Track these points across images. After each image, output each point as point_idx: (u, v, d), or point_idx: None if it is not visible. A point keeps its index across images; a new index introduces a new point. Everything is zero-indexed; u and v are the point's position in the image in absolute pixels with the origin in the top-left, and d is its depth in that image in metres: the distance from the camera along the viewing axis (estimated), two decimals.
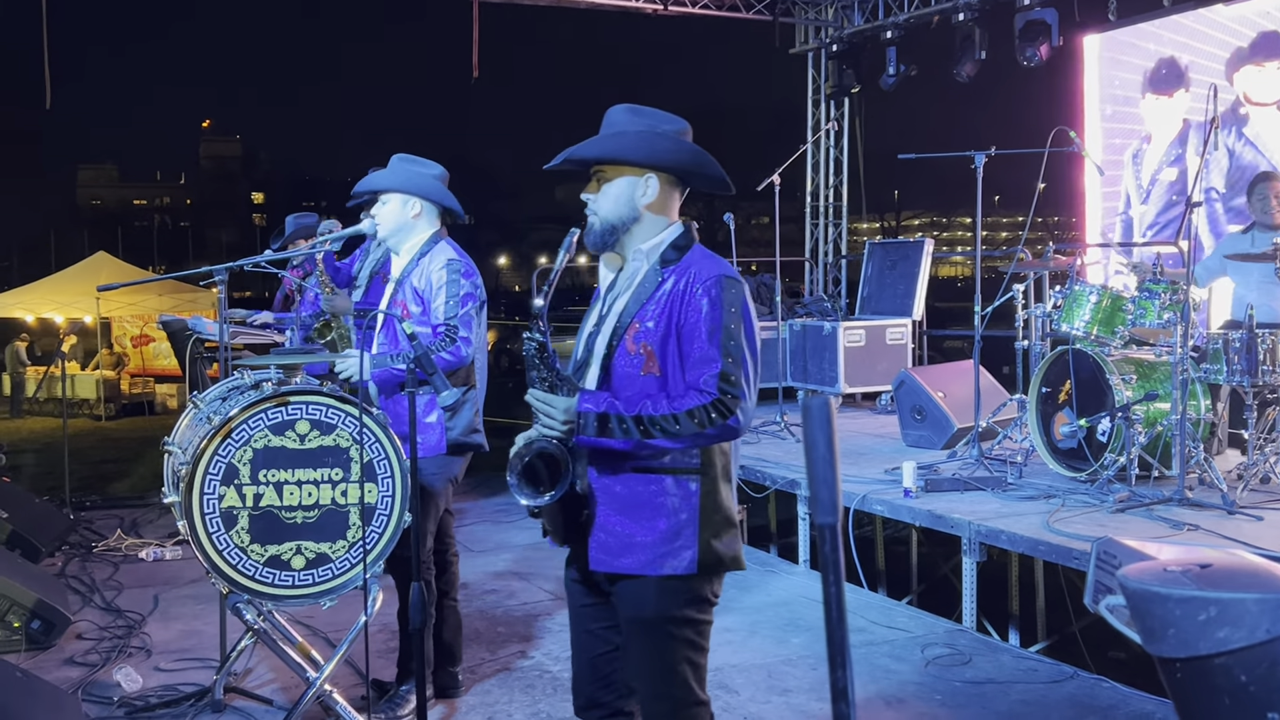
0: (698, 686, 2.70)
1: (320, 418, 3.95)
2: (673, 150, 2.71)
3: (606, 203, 2.73)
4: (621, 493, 2.66)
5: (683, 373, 2.62)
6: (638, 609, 2.67)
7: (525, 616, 5.67)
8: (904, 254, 9.85)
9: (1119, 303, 6.22)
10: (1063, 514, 5.45)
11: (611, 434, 2.57)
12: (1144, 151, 9.66)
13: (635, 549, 2.65)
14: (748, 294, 2.66)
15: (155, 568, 6.63)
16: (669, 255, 2.71)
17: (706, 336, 2.58)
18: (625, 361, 2.67)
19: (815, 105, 12.94)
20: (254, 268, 6.01)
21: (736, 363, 2.58)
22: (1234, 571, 1.19)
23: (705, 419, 2.54)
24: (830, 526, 0.97)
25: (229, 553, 3.88)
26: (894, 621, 5.57)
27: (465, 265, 4.15)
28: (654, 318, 2.65)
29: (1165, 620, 1.19)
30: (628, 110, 2.76)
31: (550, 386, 2.65)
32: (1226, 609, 1.16)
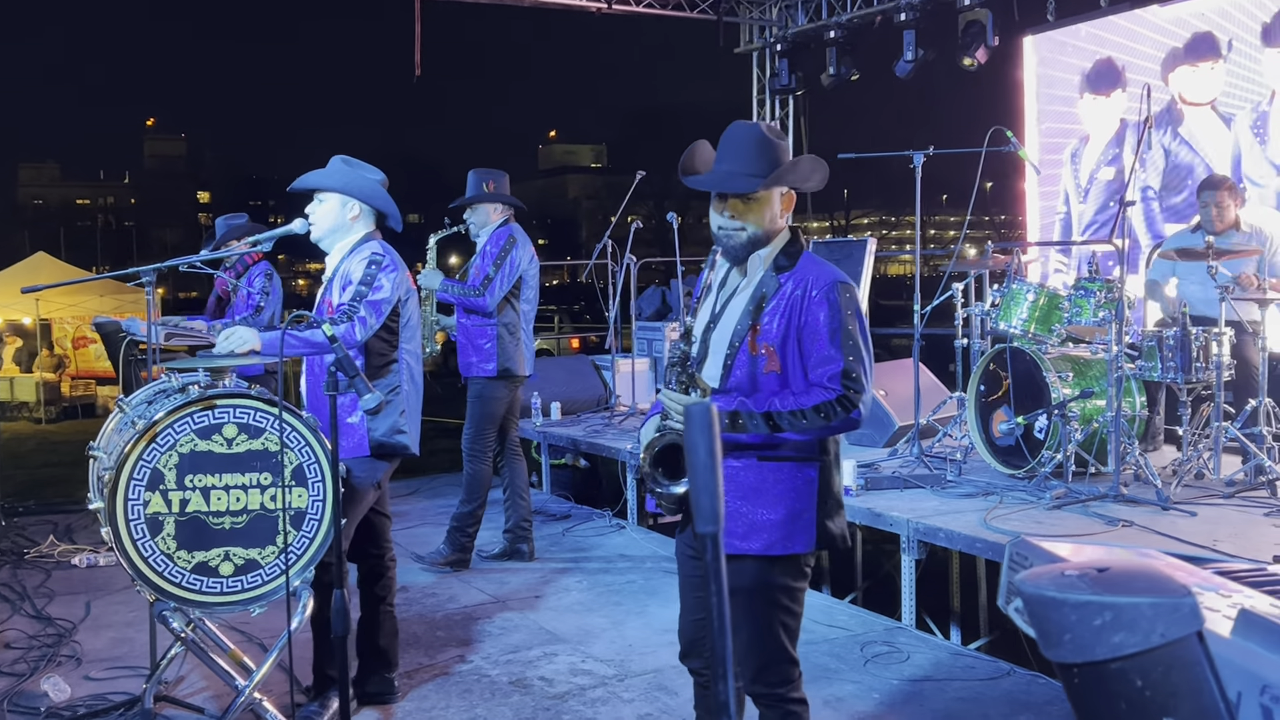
0: (790, 646, 3.02)
1: (248, 421, 3.88)
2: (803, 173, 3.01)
3: (755, 218, 2.97)
4: (747, 480, 2.92)
5: (804, 370, 2.90)
6: (741, 578, 2.94)
7: (464, 620, 5.62)
8: (847, 253, 9.87)
9: (1055, 301, 6.27)
10: (1000, 511, 5.49)
11: (743, 429, 2.84)
12: (1082, 151, 9.76)
13: (760, 532, 2.92)
14: (859, 296, 3.02)
15: (88, 574, 6.50)
16: (782, 262, 2.98)
17: (828, 338, 2.86)
18: (748, 360, 2.93)
19: (760, 105, 12.97)
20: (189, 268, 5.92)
21: (857, 360, 2.86)
22: (1131, 575, 1.18)
23: (831, 413, 2.83)
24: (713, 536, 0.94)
25: (155, 559, 3.81)
26: (834, 620, 5.57)
27: (389, 261, 4.09)
28: (775, 320, 2.92)
29: (1061, 625, 1.17)
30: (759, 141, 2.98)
31: (685, 389, 2.93)
32: (1121, 613, 1.15)
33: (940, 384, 7.86)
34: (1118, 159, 9.27)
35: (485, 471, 6.41)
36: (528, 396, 9.05)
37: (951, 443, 7.05)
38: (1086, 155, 9.71)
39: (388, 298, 4.06)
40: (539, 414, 8.93)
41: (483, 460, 6.39)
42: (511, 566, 6.60)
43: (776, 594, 2.98)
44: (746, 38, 12.99)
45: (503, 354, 6.27)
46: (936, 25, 10.68)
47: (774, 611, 2.98)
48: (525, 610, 5.77)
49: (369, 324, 3.99)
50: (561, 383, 9.39)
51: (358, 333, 3.96)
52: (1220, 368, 5.78)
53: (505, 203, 6.39)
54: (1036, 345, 6.28)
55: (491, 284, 6.17)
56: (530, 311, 6.43)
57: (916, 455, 6.66)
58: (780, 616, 2.99)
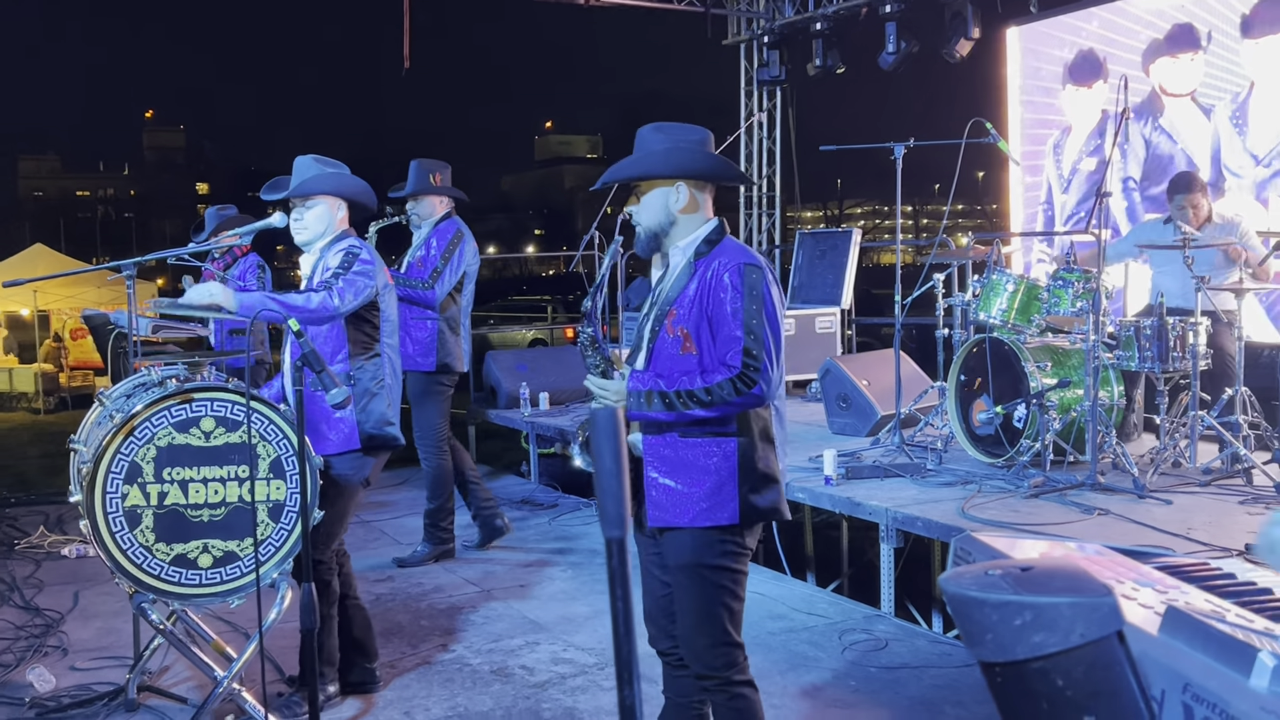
0: (732, 629, 3.06)
1: (226, 414, 3.87)
2: (695, 160, 3.05)
3: (646, 213, 3.08)
4: (670, 456, 3.02)
5: (714, 350, 2.97)
6: (679, 556, 3.04)
7: (448, 609, 5.62)
8: (833, 244, 9.87)
9: (1034, 291, 6.25)
10: (979, 500, 5.48)
11: (655, 407, 2.95)
12: (1064, 142, 9.74)
13: (684, 505, 3.01)
14: (769, 278, 3.01)
15: (78, 565, 6.49)
16: (701, 249, 3.06)
17: (730, 317, 2.94)
18: (666, 343, 3.04)
19: (748, 96, 12.93)
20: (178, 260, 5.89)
21: (757, 339, 2.92)
22: (1052, 574, 1.17)
23: (732, 390, 2.90)
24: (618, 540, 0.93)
25: (133, 552, 3.80)
26: (814, 609, 5.57)
27: (366, 254, 4.09)
28: (688, 304, 3.00)
29: (983, 625, 1.16)
30: (654, 129, 3.10)
31: (603, 372, 3.08)
32: (1041, 613, 1.13)
33: (922, 373, 7.85)
34: (1099, 150, 9.24)
35: (445, 465, 6.42)
36: (517, 387, 9.05)
37: (932, 432, 7.04)
38: (1069, 146, 9.69)
39: (364, 284, 4.04)
40: (527, 404, 8.92)
41: (441, 454, 6.40)
42: (496, 556, 6.59)
43: (714, 573, 3.03)
44: (734, 29, 12.94)
45: (442, 349, 6.25)
46: (921, 17, 10.65)
47: (713, 592, 3.04)
48: (509, 599, 5.77)
49: (345, 297, 3.95)
50: (550, 373, 9.38)
51: (334, 300, 3.90)
52: (1196, 357, 5.77)
53: (451, 195, 6.37)
54: (1016, 335, 6.28)
55: (440, 277, 6.14)
56: (468, 307, 6.43)
57: (898, 444, 6.65)
58: (721, 597, 3.04)
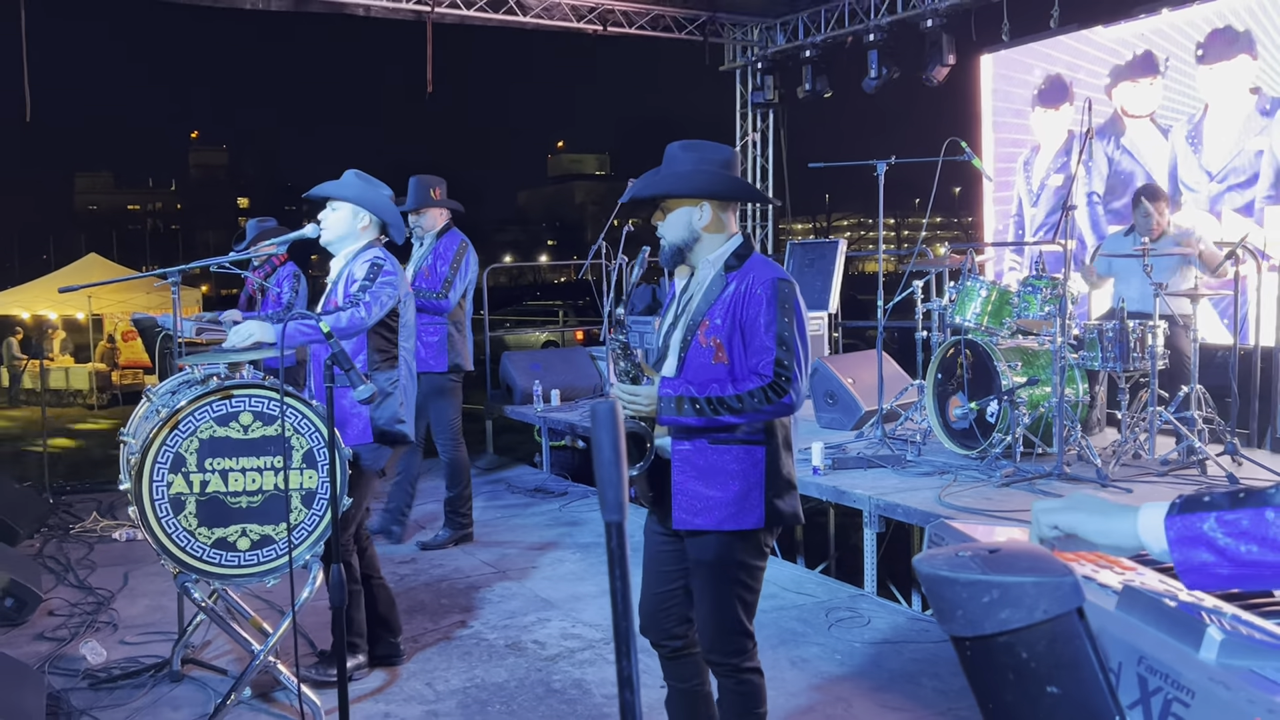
0: (746, 619, 3.02)
1: (263, 409, 3.86)
2: (718, 182, 2.99)
3: (671, 229, 3.03)
4: (699, 462, 2.95)
5: (746, 360, 2.92)
6: (704, 553, 2.99)
7: (467, 588, 5.62)
8: (820, 253, 9.86)
9: (1006, 297, 6.25)
10: (954, 488, 5.47)
11: (686, 413, 2.88)
12: (1033, 159, 9.72)
13: (712, 509, 2.94)
14: (798, 293, 2.97)
15: (128, 548, 6.50)
16: (731, 263, 3.00)
17: (764, 329, 2.89)
18: (698, 353, 2.97)
19: (743, 117, 12.93)
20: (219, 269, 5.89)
21: (789, 350, 2.88)
22: (1018, 556, 1.17)
23: (763, 398, 2.85)
24: (617, 524, 0.93)
25: (178, 535, 3.80)
26: (804, 589, 5.57)
27: (390, 266, 4.09)
28: (721, 315, 2.95)
29: (954, 602, 1.16)
30: (681, 147, 3.03)
31: (633, 379, 3.02)
32: (1008, 591, 1.13)
33: (903, 372, 7.84)
34: (1065, 166, 9.23)
35: (461, 456, 6.43)
36: (530, 384, 9.05)
37: (912, 426, 7.03)
38: (1038, 163, 9.68)
39: (389, 294, 4.05)
40: (540, 400, 8.92)
41: (457, 446, 6.42)
42: (511, 539, 6.60)
43: (735, 570, 2.98)
44: (730, 56, 12.94)
45: (452, 351, 6.30)
46: (901, 45, 10.64)
47: (732, 587, 2.99)
48: (522, 579, 5.77)
49: (372, 310, 3.98)
50: (561, 372, 9.38)
51: (361, 313, 3.93)
52: (1155, 357, 5.76)
53: (449, 208, 6.42)
54: (989, 337, 6.26)
55: (452, 286, 6.20)
56: (471, 311, 6.50)
57: (880, 438, 6.64)
58: (738, 591, 2.99)
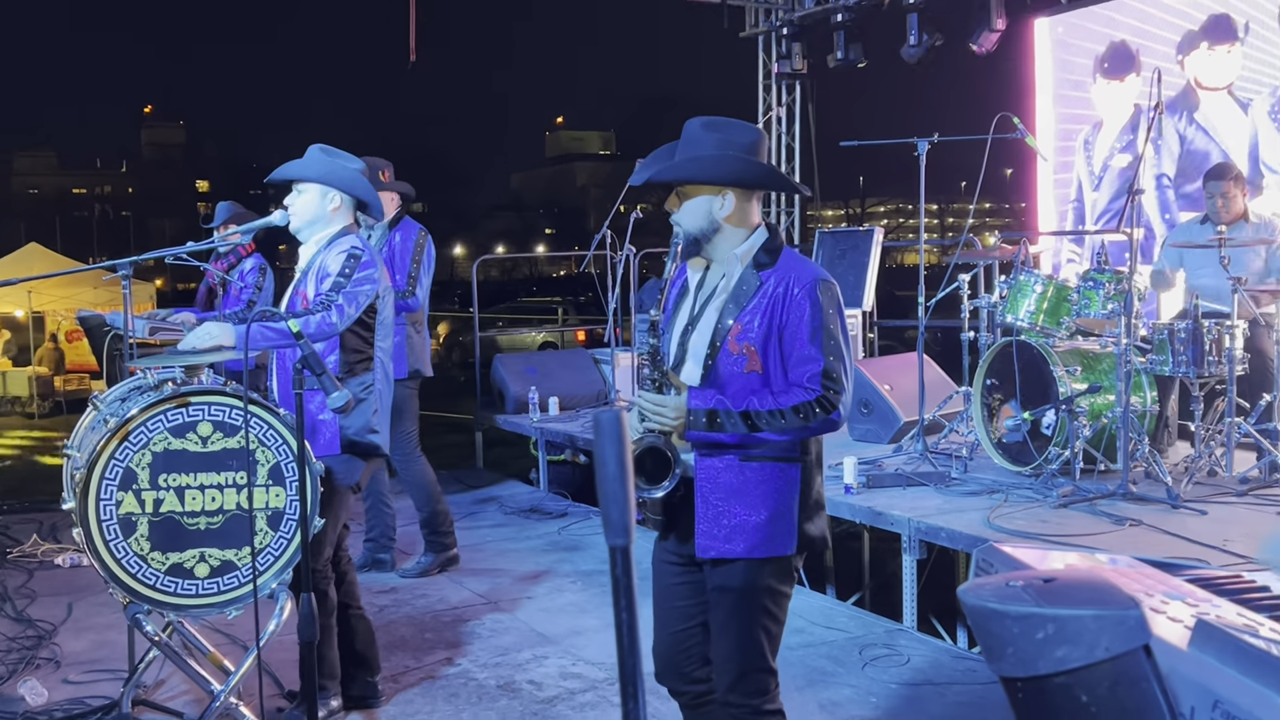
0: (770, 655, 3.01)
1: (223, 419, 3.88)
2: (744, 169, 2.98)
3: (688, 218, 3.01)
4: (729, 481, 2.94)
5: (784, 370, 2.92)
6: (728, 581, 2.97)
7: (454, 621, 5.62)
8: (853, 243, 9.86)
9: (1064, 293, 6.24)
10: (1005, 510, 5.46)
11: (720, 428, 2.86)
12: (1095, 137, 9.71)
13: (743, 534, 2.93)
14: (839, 294, 2.97)
15: (72, 574, 6.51)
16: (762, 259, 2.99)
17: (808, 337, 2.88)
18: (729, 361, 2.95)
19: (766, 90, 12.92)
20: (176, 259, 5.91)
21: (837, 360, 2.88)
22: (1076, 586, 1.17)
23: (810, 414, 2.84)
24: (622, 549, 0.93)
25: (128, 561, 3.81)
26: (834, 622, 5.56)
27: (367, 256, 4.09)
28: (755, 319, 2.93)
29: (1004, 638, 1.16)
30: (704, 126, 3.01)
31: (659, 387, 2.96)
32: (1064, 626, 1.13)
33: (947, 378, 7.82)
34: (1131, 146, 9.21)
35: (421, 469, 6.44)
36: (525, 391, 9.06)
37: (957, 439, 7.02)
38: (1100, 142, 9.66)
39: (367, 290, 4.05)
40: (536, 409, 8.93)
41: (414, 459, 6.42)
42: (503, 567, 6.60)
43: (762, 597, 2.98)
44: (752, 21, 12.93)
45: (412, 355, 6.29)
46: (945, 9, 10.62)
47: (756, 616, 2.98)
48: (516, 611, 5.77)
49: (346, 313, 3.97)
50: (560, 377, 9.39)
51: (333, 318, 3.92)
52: (1233, 361, 5.73)
53: (399, 191, 6.38)
54: (1044, 338, 6.25)
55: (419, 282, 6.17)
56: (428, 308, 6.47)
57: (921, 452, 6.63)
58: (762, 621, 2.99)
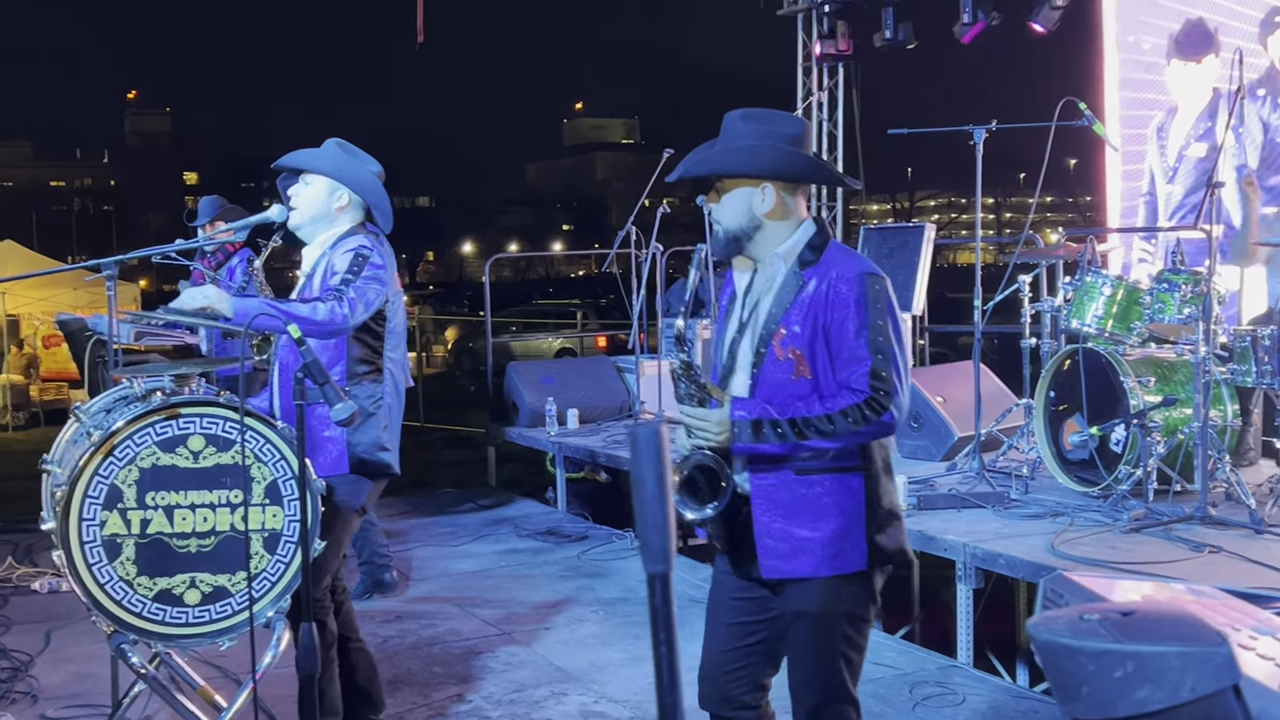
0: (850, 683, 3.04)
1: (217, 432, 3.90)
2: (785, 160, 3.03)
3: (726, 214, 3.06)
4: (784, 497, 2.99)
5: (833, 372, 2.95)
6: (803, 604, 3.01)
7: (464, 654, 5.64)
8: (902, 240, 9.83)
9: (1135, 295, 6.21)
10: (1070, 535, 5.44)
11: (766, 439, 2.90)
12: (1169, 124, 9.65)
13: (806, 552, 2.98)
14: (890, 289, 2.99)
15: (49, 600, 6.56)
16: (806, 256, 3.03)
17: (854, 335, 2.92)
18: (775, 368, 3.00)
19: (806, 73, 12.92)
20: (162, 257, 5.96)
21: (886, 359, 2.91)
22: (1158, 619, 1.16)
23: (859, 417, 2.87)
24: (661, 576, 0.93)
25: (112, 586, 3.83)
26: (882, 657, 5.54)
27: (378, 257, 4.10)
28: (800, 321, 2.97)
29: (1078, 677, 1.15)
30: (743, 117, 3.06)
31: (699, 401, 3.01)
32: (1145, 664, 1.12)
33: (1006, 389, 7.80)
34: (1210, 134, 9.16)
35: None
36: (542, 403, 9.08)
37: (1018, 456, 6.99)
38: (1174, 129, 9.60)
39: (376, 290, 4.06)
40: (554, 422, 8.94)
41: None
42: (518, 595, 6.62)
43: (842, 623, 3.02)
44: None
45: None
46: None
47: (836, 643, 3.02)
48: (532, 643, 5.78)
49: (355, 311, 3.94)
50: (579, 387, 9.41)
51: (343, 309, 3.88)
52: None
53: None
54: (1113, 345, 6.22)
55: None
56: None
57: (977, 470, 6.61)
58: (843, 648, 3.02)
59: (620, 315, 21.61)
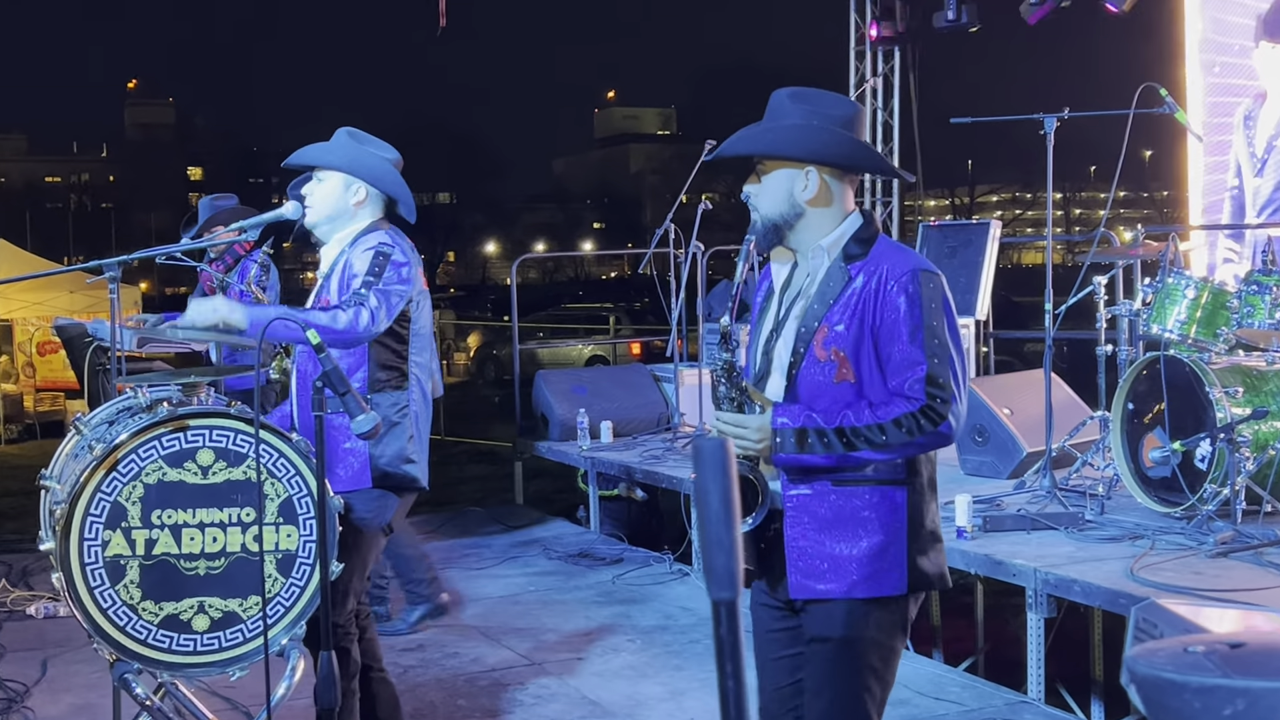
0: (875, 716, 3.01)
1: (227, 445, 3.92)
2: (831, 143, 3.00)
3: (766, 198, 3.05)
4: (822, 511, 2.96)
5: (882, 378, 2.92)
6: (826, 628, 2.98)
7: (491, 685, 5.65)
8: (965, 239, 9.80)
9: (1221, 298, 6.16)
10: (1151, 559, 5.39)
11: (811, 449, 2.87)
12: (1257, 112, 9.59)
13: (840, 571, 2.94)
14: (945, 286, 2.97)
15: (46, 626, 6.61)
16: (853, 250, 3.00)
17: (908, 337, 2.88)
18: (815, 370, 2.97)
19: (859, 57, 12.90)
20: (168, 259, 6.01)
21: (943, 362, 2.87)
22: (1272, 653, 1.14)
23: (914, 427, 2.84)
24: (728, 603, 0.92)
25: (116, 612, 3.86)
26: (944, 692, 5.52)
27: (401, 254, 4.11)
28: (844, 320, 2.94)
29: (1181, 714, 1.14)
30: (790, 96, 3.05)
31: (739, 406, 3.00)
32: (1258, 701, 1.10)
33: (1079, 401, 7.75)
34: None
35: None
36: (573, 414, 9.09)
37: (1092, 473, 6.94)
38: (1263, 117, 9.53)
39: (400, 291, 4.07)
40: (586, 436, 8.95)
41: None
42: (548, 622, 6.62)
43: (868, 650, 2.98)
44: None
45: None
46: None
47: (861, 673, 2.98)
48: (564, 675, 5.79)
49: (379, 318, 3.96)
50: (613, 398, 9.41)
51: (364, 318, 3.90)
52: None
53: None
54: (1198, 353, 6.18)
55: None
56: None
57: (1048, 489, 6.56)
58: (868, 680, 2.99)
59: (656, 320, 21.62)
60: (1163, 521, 6.07)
